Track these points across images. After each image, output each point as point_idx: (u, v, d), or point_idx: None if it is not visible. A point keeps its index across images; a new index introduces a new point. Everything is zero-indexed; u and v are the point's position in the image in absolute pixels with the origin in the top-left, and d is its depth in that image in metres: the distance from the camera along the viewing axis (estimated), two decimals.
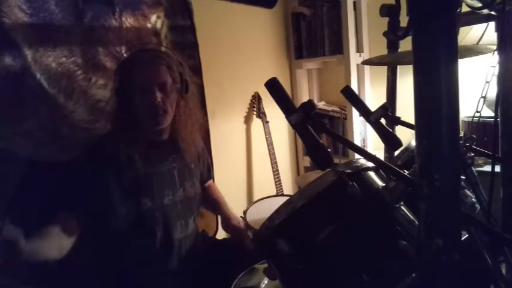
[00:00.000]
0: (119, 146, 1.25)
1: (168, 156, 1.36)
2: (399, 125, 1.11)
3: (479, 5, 0.75)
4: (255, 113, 2.31)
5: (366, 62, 1.14)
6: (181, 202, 1.37)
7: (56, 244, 1.13)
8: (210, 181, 1.64)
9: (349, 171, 0.74)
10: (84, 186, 1.22)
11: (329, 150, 0.68)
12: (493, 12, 0.84)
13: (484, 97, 0.88)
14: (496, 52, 0.81)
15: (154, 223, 1.29)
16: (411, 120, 0.52)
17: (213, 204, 1.63)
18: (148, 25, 1.72)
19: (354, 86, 2.21)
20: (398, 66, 1.33)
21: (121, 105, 1.28)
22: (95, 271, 1.36)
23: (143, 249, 1.30)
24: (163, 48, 1.45)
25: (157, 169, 1.32)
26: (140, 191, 1.27)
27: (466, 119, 1.84)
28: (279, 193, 2.22)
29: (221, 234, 1.78)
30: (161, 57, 1.29)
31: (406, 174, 0.65)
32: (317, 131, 0.68)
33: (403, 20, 0.88)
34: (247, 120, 2.34)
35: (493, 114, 0.82)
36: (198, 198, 1.47)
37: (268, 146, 2.26)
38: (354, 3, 2.16)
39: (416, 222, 0.68)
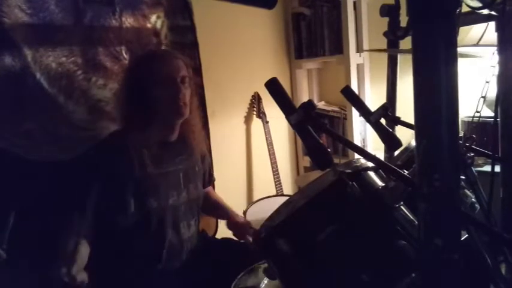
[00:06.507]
0: (131, 145, 1.25)
1: (175, 157, 1.37)
2: (399, 125, 1.11)
3: (479, 5, 0.75)
4: (255, 113, 2.30)
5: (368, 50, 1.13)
6: (184, 204, 1.37)
7: None
8: (210, 187, 1.64)
9: (349, 171, 0.74)
10: (95, 184, 1.22)
11: (329, 150, 0.68)
12: (493, 12, 0.84)
13: (484, 97, 0.88)
14: (496, 52, 0.81)
15: (158, 224, 1.28)
16: (411, 120, 0.52)
17: (215, 207, 1.62)
18: (148, 25, 1.71)
19: (354, 86, 2.21)
20: (398, 67, 1.33)
21: (133, 103, 1.27)
22: (95, 271, 1.36)
23: (145, 250, 1.29)
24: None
25: (165, 170, 1.32)
26: (148, 191, 1.27)
27: (466, 119, 1.83)
28: (279, 193, 2.22)
29: (221, 234, 1.78)
30: (177, 54, 1.36)
31: (406, 174, 0.65)
32: (317, 131, 0.68)
33: (403, 20, 0.88)
34: (247, 120, 2.34)
35: (493, 114, 0.82)
36: (200, 201, 1.47)
37: (268, 146, 2.26)
38: (354, 3, 2.16)
39: (416, 222, 0.69)
